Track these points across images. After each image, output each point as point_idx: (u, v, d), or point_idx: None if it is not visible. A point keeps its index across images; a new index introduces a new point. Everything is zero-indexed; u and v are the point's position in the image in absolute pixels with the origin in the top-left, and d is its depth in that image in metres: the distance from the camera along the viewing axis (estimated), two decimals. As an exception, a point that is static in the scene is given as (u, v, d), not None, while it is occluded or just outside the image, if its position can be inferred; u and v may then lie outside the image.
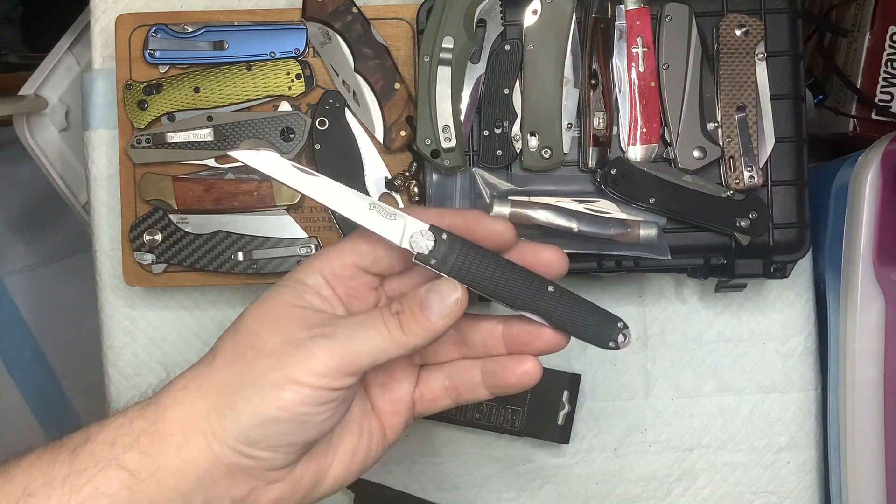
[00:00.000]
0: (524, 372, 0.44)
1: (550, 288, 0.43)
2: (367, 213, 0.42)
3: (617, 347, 0.43)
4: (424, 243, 0.41)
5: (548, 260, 0.44)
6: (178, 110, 0.65)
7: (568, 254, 0.61)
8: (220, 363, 0.41)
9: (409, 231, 0.41)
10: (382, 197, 0.66)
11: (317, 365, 0.38)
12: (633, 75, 0.62)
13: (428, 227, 0.42)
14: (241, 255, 0.65)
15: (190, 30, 0.65)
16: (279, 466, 0.40)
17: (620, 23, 0.62)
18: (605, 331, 0.42)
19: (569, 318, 0.42)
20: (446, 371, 0.46)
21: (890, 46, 0.80)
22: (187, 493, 0.39)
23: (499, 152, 0.62)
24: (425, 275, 0.44)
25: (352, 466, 0.45)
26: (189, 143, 0.65)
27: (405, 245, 0.41)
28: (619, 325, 0.43)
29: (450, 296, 0.41)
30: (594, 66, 0.62)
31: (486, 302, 0.43)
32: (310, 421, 0.39)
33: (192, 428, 0.39)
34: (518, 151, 0.62)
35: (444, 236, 0.42)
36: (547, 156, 0.62)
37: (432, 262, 0.41)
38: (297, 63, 0.65)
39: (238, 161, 0.42)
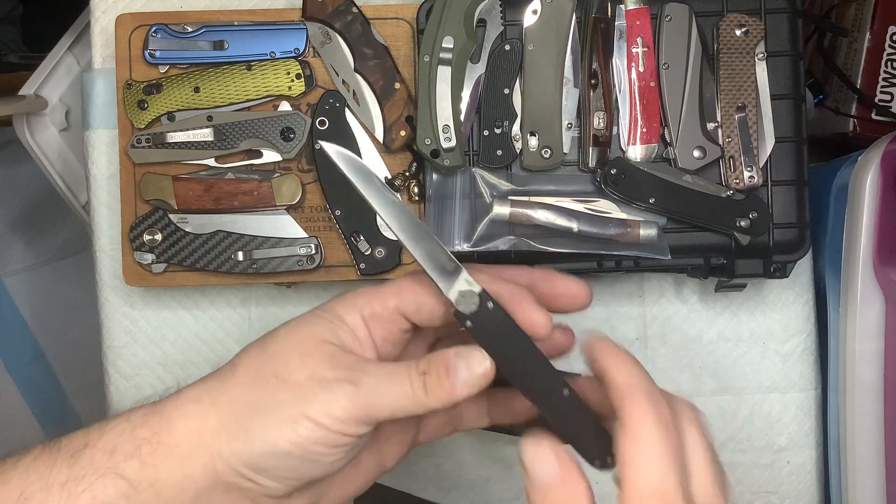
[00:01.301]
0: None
1: (566, 392, 0.41)
2: (428, 255, 0.41)
3: (601, 468, 0.41)
4: (469, 303, 0.40)
5: (573, 293, 0.45)
6: (178, 110, 0.65)
7: (568, 254, 0.62)
8: (241, 382, 0.40)
9: (461, 286, 0.40)
10: (382, 197, 0.66)
11: (337, 410, 0.38)
12: (633, 75, 0.62)
13: (480, 290, 0.40)
14: (241, 255, 0.65)
15: (190, 30, 0.65)
16: (278, 495, 0.40)
17: (620, 23, 0.62)
18: (598, 450, 0.40)
19: (569, 426, 0.41)
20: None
21: (890, 46, 0.80)
22: None
23: (499, 152, 0.62)
24: (460, 337, 0.43)
25: (346, 493, 0.45)
26: (189, 142, 0.65)
27: (452, 297, 0.40)
28: (610, 449, 0.40)
29: (478, 367, 0.40)
30: (594, 65, 0.62)
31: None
32: (319, 460, 0.39)
33: (198, 443, 0.38)
34: (518, 151, 0.62)
35: (490, 305, 0.40)
36: (547, 156, 0.62)
37: (468, 324, 0.40)
38: (297, 63, 0.65)
39: (238, 161, 0.42)
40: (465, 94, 0.62)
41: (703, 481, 0.37)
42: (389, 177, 0.65)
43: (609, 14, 0.62)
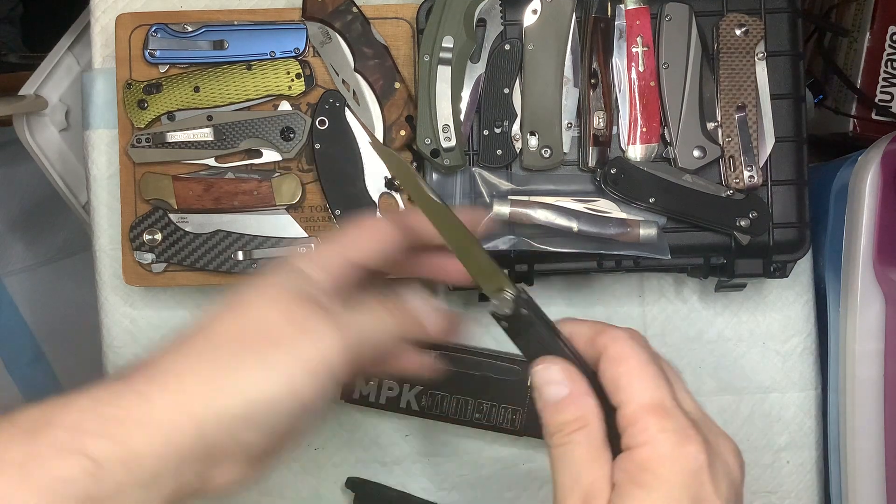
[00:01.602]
0: None
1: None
2: (478, 265, 0.44)
3: None
4: (505, 307, 0.42)
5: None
6: (178, 110, 0.65)
7: (568, 253, 0.62)
8: (223, 346, 0.39)
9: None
10: (382, 197, 0.66)
11: (330, 354, 0.39)
12: (633, 75, 0.62)
13: (515, 295, 0.42)
14: (241, 255, 0.65)
15: (190, 29, 0.65)
16: (258, 453, 0.39)
17: (620, 22, 0.62)
18: None
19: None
20: None
21: (890, 46, 0.80)
22: (161, 477, 0.37)
23: (499, 152, 0.62)
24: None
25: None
26: (189, 142, 0.65)
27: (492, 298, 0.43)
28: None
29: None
30: (594, 65, 0.62)
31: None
32: (303, 413, 0.39)
33: (181, 412, 0.37)
34: (518, 151, 0.62)
35: (524, 311, 0.42)
36: (547, 155, 0.62)
37: (503, 324, 0.43)
38: (297, 63, 0.65)
39: (238, 160, 0.42)
40: (465, 94, 0.62)
41: (684, 394, 0.41)
42: (389, 177, 0.65)
43: (609, 14, 0.62)
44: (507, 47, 0.62)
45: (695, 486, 0.37)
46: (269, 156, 0.65)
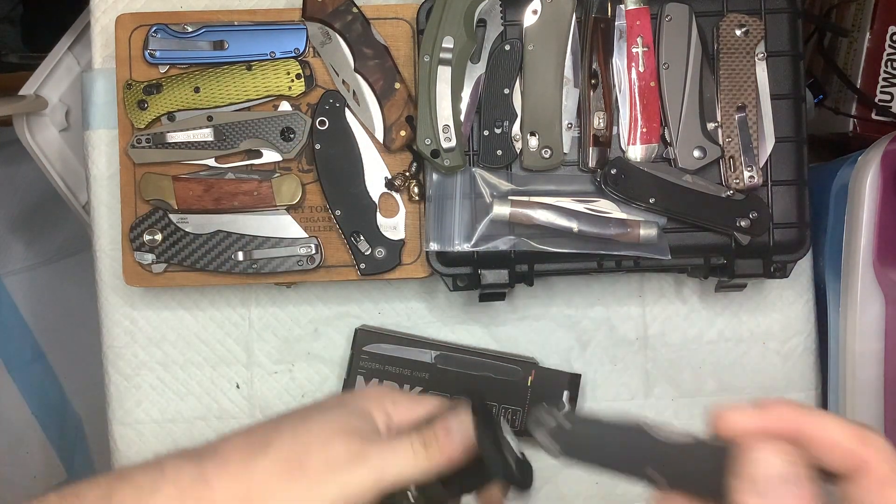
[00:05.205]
0: None
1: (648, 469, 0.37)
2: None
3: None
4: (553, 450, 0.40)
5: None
6: (178, 110, 0.65)
7: (568, 254, 0.62)
8: (269, 469, 0.43)
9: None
10: (382, 196, 0.66)
11: (351, 487, 0.42)
12: (633, 75, 0.62)
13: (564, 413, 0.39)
14: (241, 255, 0.65)
15: (190, 30, 0.65)
16: None
17: (620, 23, 0.62)
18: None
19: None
20: None
21: (890, 46, 0.80)
22: None
23: (499, 152, 0.62)
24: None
25: None
26: (189, 143, 0.65)
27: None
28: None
29: (464, 428, 0.44)
30: (594, 65, 0.62)
31: None
32: None
33: None
34: (518, 151, 0.62)
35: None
36: (547, 156, 0.62)
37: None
38: (297, 63, 0.65)
39: (238, 161, 0.42)
40: (465, 94, 0.62)
41: None
42: (389, 177, 0.65)
43: (609, 14, 0.62)
44: (508, 47, 0.62)
45: None
46: (269, 156, 0.65)
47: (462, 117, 0.62)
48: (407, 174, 0.65)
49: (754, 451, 0.32)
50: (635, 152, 0.62)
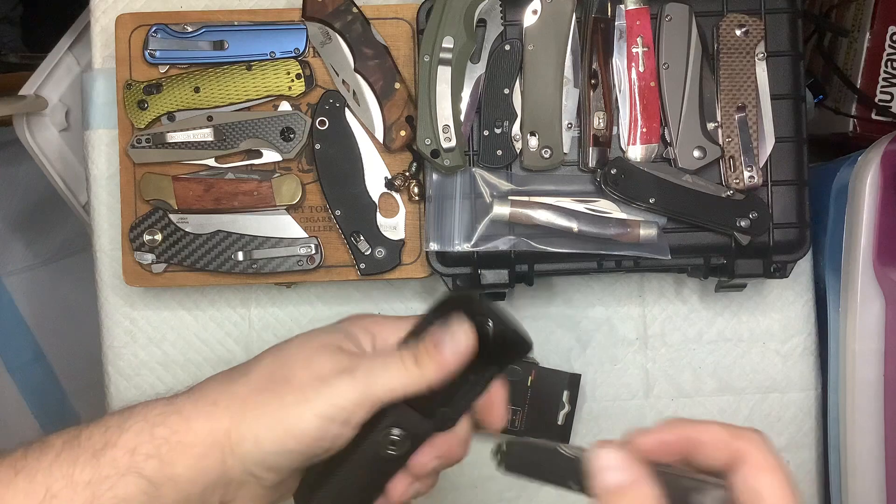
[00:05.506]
0: None
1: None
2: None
3: None
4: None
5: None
6: (178, 110, 0.65)
7: (568, 254, 0.62)
8: (253, 385, 0.43)
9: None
10: (382, 196, 0.66)
11: (338, 398, 0.41)
12: (633, 75, 0.62)
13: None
14: (241, 255, 0.65)
15: (190, 30, 0.65)
16: (272, 484, 0.43)
17: (620, 23, 0.62)
18: None
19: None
20: None
21: (890, 46, 0.80)
22: (192, 498, 0.41)
23: (499, 152, 0.62)
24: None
25: None
26: (189, 143, 0.65)
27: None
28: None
29: (462, 337, 0.42)
30: (594, 65, 0.62)
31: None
32: (319, 452, 0.42)
33: (213, 443, 0.41)
34: (518, 151, 0.62)
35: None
36: (547, 156, 0.62)
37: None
38: (297, 63, 0.65)
39: (238, 161, 0.42)
40: (465, 94, 0.62)
41: None
42: (389, 177, 0.65)
43: (609, 14, 0.62)
44: (508, 47, 0.62)
45: None
46: (269, 156, 0.65)
47: (462, 117, 0.62)
48: (407, 174, 0.65)
49: (593, 454, 0.37)
50: (635, 152, 0.62)
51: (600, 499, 0.37)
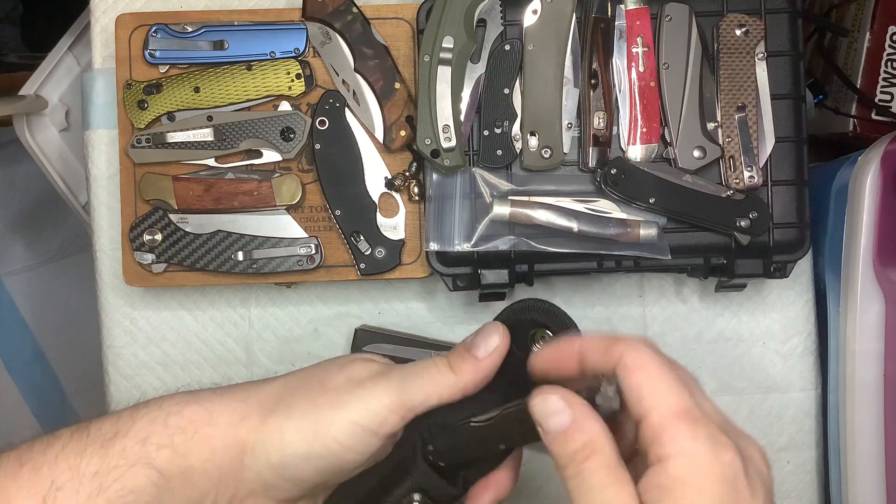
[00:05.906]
0: None
1: None
2: None
3: None
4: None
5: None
6: (178, 110, 0.65)
7: (568, 254, 0.62)
8: (287, 386, 0.42)
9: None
10: (382, 196, 0.66)
11: (374, 403, 0.40)
12: (633, 75, 0.62)
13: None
14: (241, 255, 0.65)
15: (190, 30, 0.65)
16: (284, 498, 0.41)
17: (620, 23, 0.62)
18: None
19: None
20: None
21: (890, 46, 0.80)
22: (202, 493, 0.40)
23: (499, 152, 0.62)
24: None
25: None
26: (189, 142, 0.65)
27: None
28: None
29: (494, 337, 0.42)
30: (594, 65, 0.62)
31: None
32: (343, 465, 0.40)
33: (234, 437, 0.40)
34: (518, 151, 0.62)
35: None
36: (547, 156, 0.62)
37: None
38: (297, 63, 0.65)
39: (238, 161, 0.42)
40: (465, 94, 0.62)
41: (703, 399, 0.38)
42: (389, 177, 0.65)
43: (609, 14, 0.62)
44: (508, 47, 0.62)
45: (733, 494, 0.34)
46: (269, 156, 0.65)
47: (462, 117, 0.62)
48: (407, 174, 0.65)
49: (535, 396, 0.37)
50: (635, 152, 0.62)
51: (554, 443, 0.37)
